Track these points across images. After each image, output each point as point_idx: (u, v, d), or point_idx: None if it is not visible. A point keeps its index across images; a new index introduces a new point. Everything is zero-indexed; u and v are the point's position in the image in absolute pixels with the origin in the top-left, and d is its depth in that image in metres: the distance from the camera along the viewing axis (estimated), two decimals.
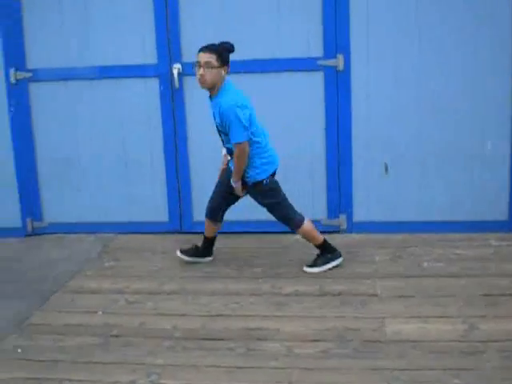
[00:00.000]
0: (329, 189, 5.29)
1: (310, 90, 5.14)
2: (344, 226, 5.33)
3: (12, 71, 5.42)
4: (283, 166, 5.25)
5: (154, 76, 5.27)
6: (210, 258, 4.87)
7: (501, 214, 5.21)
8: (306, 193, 5.31)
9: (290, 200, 5.30)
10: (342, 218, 5.32)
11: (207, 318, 3.91)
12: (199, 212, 5.42)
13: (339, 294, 4.17)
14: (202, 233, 5.18)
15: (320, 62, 5.07)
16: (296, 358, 3.40)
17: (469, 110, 5.08)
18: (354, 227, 5.32)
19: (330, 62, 5.06)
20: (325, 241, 4.61)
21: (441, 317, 3.79)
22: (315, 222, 5.26)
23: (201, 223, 5.40)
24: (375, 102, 5.11)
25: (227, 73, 4.28)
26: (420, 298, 4.06)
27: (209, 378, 3.23)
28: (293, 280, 4.44)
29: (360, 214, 5.32)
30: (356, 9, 5.00)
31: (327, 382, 3.14)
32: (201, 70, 4.18)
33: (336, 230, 5.32)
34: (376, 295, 4.13)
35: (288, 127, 5.23)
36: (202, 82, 4.22)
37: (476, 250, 4.86)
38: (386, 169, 5.21)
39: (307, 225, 4.56)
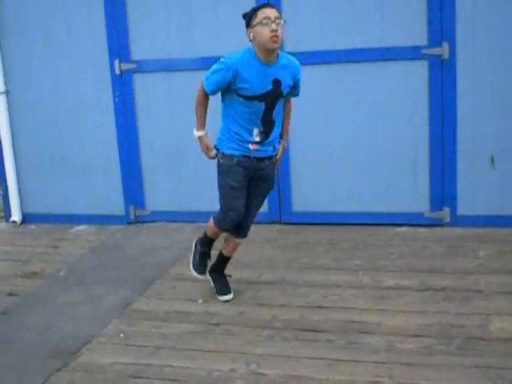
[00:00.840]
0: (432, 181, 5.16)
1: (413, 79, 5.03)
2: (447, 219, 5.18)
3: (117, 62, 5.55)
4: (386, 157, 5.20)
5: None
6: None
7: None
8: (408, 184, 5.21)
9: (393, 192, 5.22)
10: (446, 210, 5.18)
11: (306, 308, 3.88)
12: (298, 202, 5.43)
13: (442, 289, 4.06)
14: (302, 223, 5.22)
15: (424, 51, 4.94)
16: (398, 353, 3.32)
17: None
18: (457, 220, 5.17)
19: (435, 51, 4.92)
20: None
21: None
22: (418, 215, 5.18)
23: (299, 214, 5.42)
24: (482, 92, 4.94)
25: None
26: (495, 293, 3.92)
27: (308, 370, 3.20)
28: (393, 273, 4.36)
29: (464, 207, 5.16)
30: None
31: (430, 379, 3.06)
32: (273, 26, 3.52)
33: (439, 224, 5.19)
34: (480, 291, 3.99)
35: (391, 117, 5.13)
36: (276, 41, 3.56)
37: None
38: (493, 161, 5.03)
39: None
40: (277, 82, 3.69)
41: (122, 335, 3.68)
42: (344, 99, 5.17)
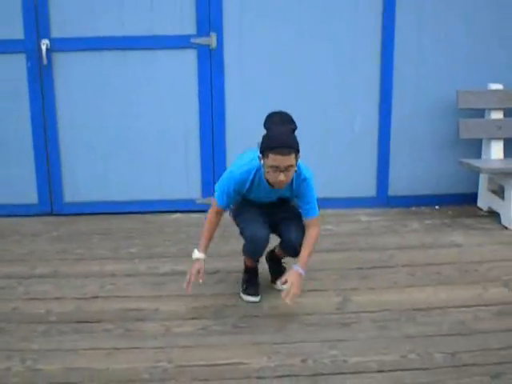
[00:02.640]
0: (203, 168, 5.29)
1: (183, 67, 5.11)
2: None
3: None
4: (158, 145, 5.24)
5: (21, 52, 5.05)
6: None
7: (369, 191, 5.42)
8: (180, 172, 5.31)
9: (166, 180, 5.25)
10: None
11: (82, 300, 3.82)
12: (70, 193, 5.30)
13: (217, 271, 4.18)
14: (75, 214, 5.12)
15: (193, 40, 5.04)
16: (175, 336, 3.39)
17: (339, 95, 5.26)
18: None
19: (203, 40, 5.04)
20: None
21: (316, 290, 3.88)
22: (190, 201, 5.29)
23: (72, 204, 5.30)
24: (248, 80, 5.15)
25: None
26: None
27: (87, 361, 3.15)
28: (169, 259, 4.42)
29: None
30: None
31: (208, 358, 3.15)
32: (281, 176, 3.30)
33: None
34: None
35: (162, 105, 5.18)
36: (282, 186, 3.41)
37: (347, 225, 5.04)
38: None
39: None
40: (282, 198, 3.67)
41: None
42: (115, 87, 5.13)
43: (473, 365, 3.11)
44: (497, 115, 5.34)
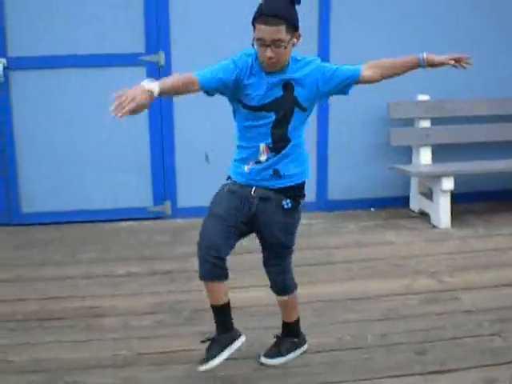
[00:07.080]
0: (154, 178, 5.60)
1: (133, 84, 5.34)
2: (169, 212, 5.67)
3: None
4: (109, 158, 5.51)
5: None
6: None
7: (309, 196, 5.73)
8: (132, 182, 5.60)
9: (118, 189, 5.52)
10: (167, 204, 5.66)
11: (45, 300, 4.09)
12: (28, 203, 5.53)
13: (168, 272, 4.51)
14: (32, 224, 5.34)
15: (142, 58, 5.34)
16: (133, 329, 3.71)
17: None
18: (178, 213, 5.68)
19: (152, 58, 5.35)
20: (298, 321, 3.45)
21: (257, 286, 4.13)
22: (142, 210, 5.58)
23: (29, 215, 5.52)
24: (196, 97, 5.42)
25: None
26: (239, 271, 4.38)
27: (54, 353, 3.44)
28: (123, 262, 4.72)
29: (183, 200, 5.69)
30: (175, 5, 5.36)
31: (163, 347, 3.49)
32: (268, 52, 2.80)
33: (161, 216, 5.66)
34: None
35: (112, 121, 5.41)
36: (272, 66, 2.87)
37: None
38: (207, 158, 5.59)
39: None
40: (288, 86, 2.94)
41: None
42: (69, 102, 5.41)
43: (400, 344, 3.51)
44: (425, 124, 5.80)
